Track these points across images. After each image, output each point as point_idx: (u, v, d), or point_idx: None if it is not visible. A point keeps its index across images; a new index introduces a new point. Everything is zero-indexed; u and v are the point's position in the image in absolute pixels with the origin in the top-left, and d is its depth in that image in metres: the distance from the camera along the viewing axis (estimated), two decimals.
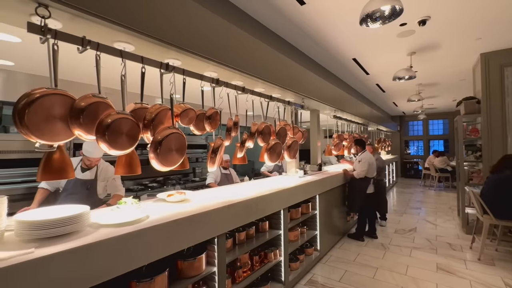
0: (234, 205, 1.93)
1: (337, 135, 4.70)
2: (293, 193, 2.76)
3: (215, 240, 1.81)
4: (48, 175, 1.24)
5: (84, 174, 2.43)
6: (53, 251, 1.02)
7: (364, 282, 2.75)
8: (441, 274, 2.88)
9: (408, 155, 11.87)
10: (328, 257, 3.39)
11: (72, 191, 2.36)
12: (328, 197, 3.61)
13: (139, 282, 1.41)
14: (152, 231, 1.37)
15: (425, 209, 5.86)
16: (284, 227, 2.60)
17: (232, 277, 2.07)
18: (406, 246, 3.71)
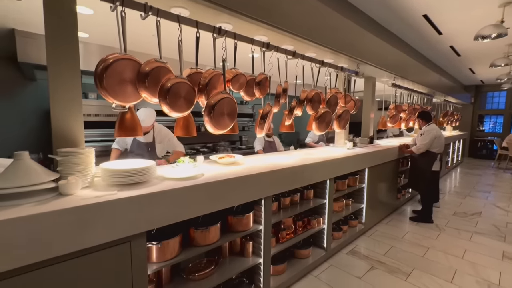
0: (281, 170, 1.98)
1: (394, 105, 4.26)
2: (341, 164, 2.68)
3: (262, 202, 1.92)
4: (123, 131, 1.44)
5: (144, 137, 2.76)
6: (131, 194, 1.22)
7: (412, 259, 2.65)
8: (507, 263, 2.58)
9: (481, 132, 10.19)
10: (373, 231, 3.32)
11: (137, 152, 2.71)
12: (378, 172, 3.41)
13: (196, 229, 1.61)
14: (206, 187, 1.51)
15: (496, 193, 5.13)
16: (329, 197, 2.59)
17: (276, 237, 2.20)
18: (466, 230, 3.37)
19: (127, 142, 2.73)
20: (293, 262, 2.39)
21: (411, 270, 2.46)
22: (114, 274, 1.20)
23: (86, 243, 1.09)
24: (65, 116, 1.33)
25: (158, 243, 1.42)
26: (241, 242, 2.03)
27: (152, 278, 1.53)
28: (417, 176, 3.74)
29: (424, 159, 3.59)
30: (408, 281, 2.29)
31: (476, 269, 2.48)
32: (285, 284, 2.16)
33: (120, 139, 2.70)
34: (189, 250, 1.58)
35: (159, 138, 2.88)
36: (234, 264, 1.89)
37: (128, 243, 1.23)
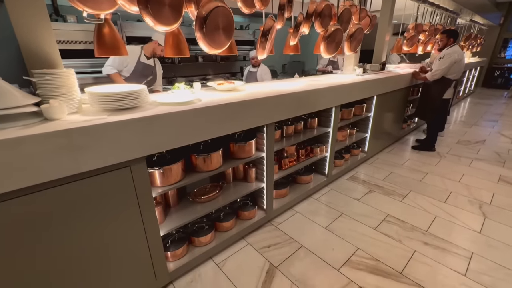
0: (284, 95, 1.84)
1: (414, 24, 3.75)
2: (348, 91, 2.51)
3: (264, 129, 1.85)
4: (103, 49, 1.25)
5: (149, 61, 2.72)
6: (122, 118, 1.13)
7: (409, 183, 2.75)
8: (502, 185, 2.68)
9: (502, 59, 9.40)
10: (374, 159, 3.38)
11: (144, 73, 2.69)
12: (387, 100, 3.24)
13: (198, 156, 1.59)
14: (204, 112, 1.41)
15: (503, 122, 5.04)
16: (334, 125, 2.51)
17: (279, 164, 2.22)
18: (467, 156, 3.41)
19: (125, 62, 2.59)
20: (295, 187, 2.50)
21: (407, 192, 2.57)
22: (119, 197, 1.22)
23: (81, 167, 1.06)
24: (31, 32, 1.13)
25: (160, 168, 1.41)
26: (244, 168, 2.06)
27: (159, 201, 1.59)
28: (426, 104, 3.54)
29: (437, 86, 3.33)
30: (403, 201, 2.42)
31: (470, 190, 2.59)
32: (287, 206, 2.30)
33: (115, 60, 2.55)
34: (192, 175, 1.59)
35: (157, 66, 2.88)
36: (238, 188, 1.96)
37: (128, 167, 1.21)
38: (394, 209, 2.31)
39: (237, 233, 1.90)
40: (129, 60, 2.60)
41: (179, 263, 1.62)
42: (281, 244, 1.91)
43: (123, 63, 2.59)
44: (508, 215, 2.19)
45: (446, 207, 2.32)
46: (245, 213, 2.01)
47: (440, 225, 2.08)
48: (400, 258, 1.76)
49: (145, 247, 1.39)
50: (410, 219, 2.16)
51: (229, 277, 1.63)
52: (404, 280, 1.59)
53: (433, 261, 1.73)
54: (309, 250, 1.85)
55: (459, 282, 1.58)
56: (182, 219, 1.60)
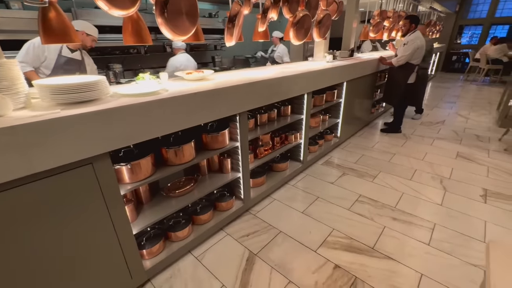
0: (255, 83, 1.81)
1: (379, 11, 3.87)
2: (319, 77, 2.54)
3: (237, 118, 1.82)
4: (50, 36, 1.13)
5: (74, 54, 2.32)
6: (78, 112, 1.03)
7: (379, 164, 2.90)
8: (460, 161, 2.92)
9: (458, 44, 10.11)
10: (347, 143, 3.51)
11: (66, 68, 2.26)
12: (356, 86, 3.35)
13: (169, 149, 1.53)
14: (172, 102, 1.34)
15: (460, 103, 5.46)
16: (307, 112, 2.55)
17: (254, 153, 2.22)
18: (429, 136, 3.67)
19: (41, 57, 2.14)
20: (271, 175, 2.52)
21: (377, 173, 2.72)
22: (83, 196, 1.14)
23: (36, 167, 0.96)
24: None
25: (127, 164, 1.34)
26: (219, 159, 2.02)
27: (129, 198, 1.52)
28: (391, 89, 3.72)
29: (401, 72, 3.49)
30: (374, 182, 2.55)
31: (432, 167, 2.79)
32: (265, 194, 2.32)
33: (28, 54, 2.09)
34: (163, 169, 1.53)
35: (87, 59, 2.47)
36: (214, 180, 1.93)
37: (90, 165, 1.12)
38: (366, 189, 2.42)
39: (216, 225, 1.89)
40: (46, 54, 2.15)
41: (156, 260, 1.57)
42: (260, 232, 1.93)
43: (39, 57, 2.13)
44: (465, 187, 2.40)
45: (412, 184, 2.48)
46: (223, 204, 1.99)
47: (407, 201, 2.23)
48: (372, 235, 1.86)
49: (117, 247, 1.32)
50: (380, 197, 2.29)
51: (209, 268, 1.62)
52: (376, 255, 1.69)
53: (401, 235, 1.85)
54: (287, 235, 1.89)
55: (424, 251, 1.71)
56: (156, 215, 1.55)
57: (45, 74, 2.22)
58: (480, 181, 2.50)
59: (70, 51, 2.30)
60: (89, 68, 2.48)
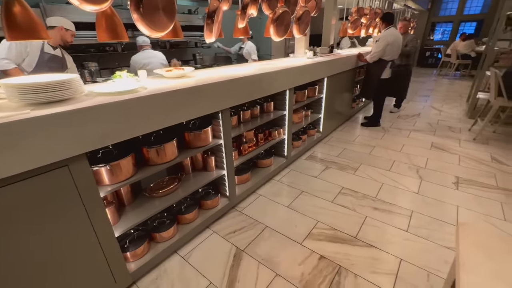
0: (237, 80, 1.81)
1: (356, 8, 3.97)
2: (300, 73, 2.58)
3: (219, 115, 1.81)
4: (17, 33, 1.06)
5: (55, 51, 2.27)
6: (50, 112, 0.98)
7: (360, 157, 3.00)
8: (434, 151, 3.09)
9: (431, 41, 10.59)
10: (329, 138, 3.59)
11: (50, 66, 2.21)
12: (336, 81, 3.43)
13: (150, 148, 1.49)
14: (152, 100, 1.31)
15: (434, 97, 5.75)
16: (289, 108, 2.58)
17: (238, 150, 2.22)
18: (406, 129, 3.83)
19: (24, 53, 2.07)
20: (256, 171, 2.53)
21: (358, 165, 2.81)
22: (60, 201, 1.09)
23: (2, 172, 0.90)
24: None
25: (106, 165, 1.29)
26: (203, 157, 2.01)
27: (110, 200, 1.47)
28: (367, 84, 3.86)
29: (375, 67, 3.61)
30: (355, 174, 2.64)
31: (409, 158, 2.93)
32: (250, 190, 2.33)
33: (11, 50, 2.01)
34: (145, 169, 1.50)
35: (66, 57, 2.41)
36: (198, 178, 1.91)
37: (65, 167, 1.08)
38: (348, 181, 2.50)
39: (201, 223, 1.87)
40: (29, 50, 2.09)
41: (141, 262, 1.54)
42: (246, 228, 1.94)
43: (22, 54, 2.07)
44: (439, 176, 2.54)
45: (390, 175, 2.59)
46: (208, 202, 1.98)
47: (386, 191, 2.33)
48: (354, 225, 1.93)
49: (99, 251, 1.28)
50: (362, 188, 2.37)
51: (196, 267, 1.61)
52: (359, 243, 1.76)
53: (381, 223, 1.94)
54: (274, 229, 1.91)
55: (403, 237, 1.80)
56: (139, 216, 1.51)
57: (27, 72, 2.12)
58: (453, 170, 2.65)
59: (52, 48, 2.22)
60: (70, 66, 2.41)
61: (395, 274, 1.52)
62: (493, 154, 2.95)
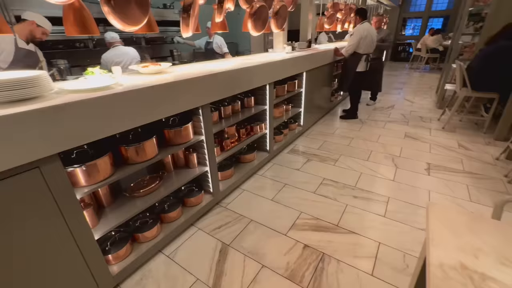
0: (216, 75, 1.79)
1: (332, 3, 4.06)
2: (280, 68, 2.61)
3: (200, 111, 1.79)
4: None
5: (29, 46, 2.19)
6: (14, 111, 0.92)
7: (339, 148, 3.10)
8: (407, 140, 3.26)
9: (402, 36, 11.09)
10: (310, 131, 3.67)
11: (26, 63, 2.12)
12: (315, 75, 3.50)
13: (128, 147, 1.45)
14: (128, 96, 1.27)
15: (406, 89, 6.04)
16: (270, 102, 2.60)
17: (220, 145, 2.21)
18: (382, 120, 4.01)
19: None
20: (240, 166, 2.54)
21: (338, 157, 2.90)
22: (32, 204, 1.03)
23: None
24: None
25: (81, 165, 1.24)
26: (185, 154, 1.98)
27: (88, 202, 1.41)
28: (342, 77, 3.97)
29: (350, 61, 3.72)
30: (336, 165, 2.73)
31: (385, 148, 3.07)
32: (234, 185, 2.33)
33: None
34: (124, 169, 1.45)
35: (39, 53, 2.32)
36: (180, 176, 1.89)
37: (37, 169, 1.02)
38: (329, 172, 2.58)
39: (185, 221, 1.86)
40: (3, 46, 1.99)
41: (124, 263, 1.50)
42: (231, 223, 1.95)
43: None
44: (412, 163, 2.70)
45: (368, 164, 2.71)
46: (192, 199, 1.96)
47: (365, 180, 2.43)
48: (336, 213, 2.00)
49: (78, 255, 1.24)
50: (342, 179, 2.46)
51: (182, 265, 1.60)
52: (340, 231, 1.83)
53: (361, 210, 2.02)
54: (259, 222, 1.94)
55: (380, 222, 1.89)
56: (120, 217, 1.47)
57: (2, 68, 1.99)
58: (424, 157, 2.82)
59: (25, 43, 2.12)
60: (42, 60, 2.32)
61: (375, 256, 1.60)
62: (460, 141, 3.17)
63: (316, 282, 1.46)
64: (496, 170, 2.51)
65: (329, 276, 1.49)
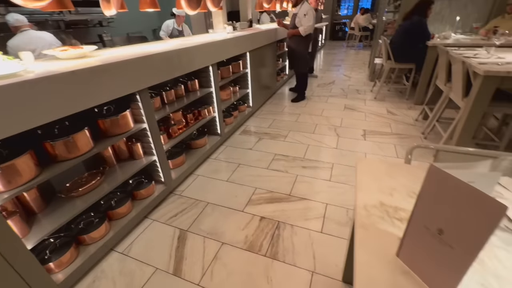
0: (151, 57, 1.67)
1: None
2: (221, 48, 2.55)
3: (137, 97, 1.67)
4: None
5: None
6: None
7: (288, 125, 3.25)
8: (346, 111, 3.58)
9: (338, 15, 11.77)
10: (260, 111, 3.74)
11: None
12: (259, 55, 3.53)
13: (54, 142, 1.29)
14: (42, 84, 1.11)
15: (344, 65, 6.53)
16: (215, 85, 2.55)
17: (167, 133, 2.11)
18: (324, 95, 4.30)
19: None
20: (191, 152, 2.48)
21: (287, 133, 3.05)
22: None
23: None
24: None
25: None
26: (128, 145, 1.85)
27: (12, 210, 1.23)
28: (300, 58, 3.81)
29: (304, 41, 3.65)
30: (285, 140, 2.87)
31: (328, 120, 3.33)
32: (187, 172, 2.28)
33: None
34: (53, 167, 1.29)
35: None
36: (125, 168, 1.76)
37: None
38: (280, 148, 2.70)
39: (137, 215, 1.77)
40: None
41: (70, 269, 1.38)
42: (188, 209, 1.92)
43: None
44: (351, 131, 2.99)
45: (314, 136, 2.91)
46: (142, 192, 1.86)
47: (312, 151, 2.62)
48: (288, 184, 2.13)
49: (9, 270, 1.09)
50: (292, 152, 2.61)
51: (139, 259, 1.54)
52: (292, 199, 1.96)
53: (310, 178, 2.19)
54: (216, 204, 1.96)
55: (327, 186, 2.09)
56: (55, 222, 1.32)
57: None
58: (361, 124, 3.15)
59: None
60: None
61: (323, 216, 1.78)
62: (388, 108, 3.61)
63: (273, 247, 1.57)
64: (416, 129, 2.95)
65: (285, 240, 1.61)
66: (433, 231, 0.53)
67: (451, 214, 0.49)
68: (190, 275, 1.43)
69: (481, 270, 0.60)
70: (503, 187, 0.65)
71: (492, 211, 0.41)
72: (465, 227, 0.47)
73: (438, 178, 0.51)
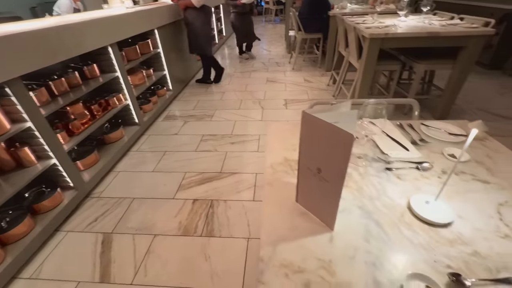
0: (13, 37, 1.33)
1: None
2: (120, 25, 2.23)
3: (7, 91, 1.33)
4: None
5: None
6: None
7: (213, 104, 3.19)
8: (268, 84, 3.71)
9: None
10: (182, 94, 3.54)
11: None
12: (170, 33, 3.24)
13: None
14: None
15: (264, 40, 6.65)
16: (120, 68, 2.25)
17: (66, 129, 1.79)
18: (247, 71, 4.33)
19: None
20: (106, 148, 2.20)
21: (214, 112, 2.99)
22: None
23: None
24: None
25: None
26: (10, 152, 1.49)
27: None
28: (196, 37, 3.31)
29: (201, 15, 3.22)
30: (212, 120, 2.81)
31: (253, 94, 3.39)
32: (104, 170, 2.02)
33: None
34: None
35: None
36: (13, 180, 1.44)
37: None
38: (207, 128, 2.64)
39: (44, 230, 1.49)
40: None
41: None
42: (110, 210, 1.73)
43: None
44: (274, 102, 3.13)
45: (240, 112, 2.94)
46: (45, 203, 1.57)
47: (239, 127, 2.65)
48: (218, 162, 2.12)
49: None
50: (219, 131, 2.58)
51: (55, 278, 1.34)
52: (224, 176, 1.97)
53: (239, 153, 2.23)
54: (142, 198, 1.82)
55: (256, 156, 2.17)
56: None
57: None
58: (282, 95, 3.32)
59: None
60: None
61: (254, 185, 1.85)
62: (305, 77, 3.89)
63: (209, 226, 1.57)
64: (328, 93, 3.29)
65: (220, 216, 1.63)
66: (314, 170, 0.59)
67: (323, 153, 0.55)
68: (121, 277, 1.32)
69: (359, 196, 0.71)
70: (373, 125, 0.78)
71: (345, 141, 0.47)
72: (332, 161, 0.53)
73: (310, 122, 0.55)
